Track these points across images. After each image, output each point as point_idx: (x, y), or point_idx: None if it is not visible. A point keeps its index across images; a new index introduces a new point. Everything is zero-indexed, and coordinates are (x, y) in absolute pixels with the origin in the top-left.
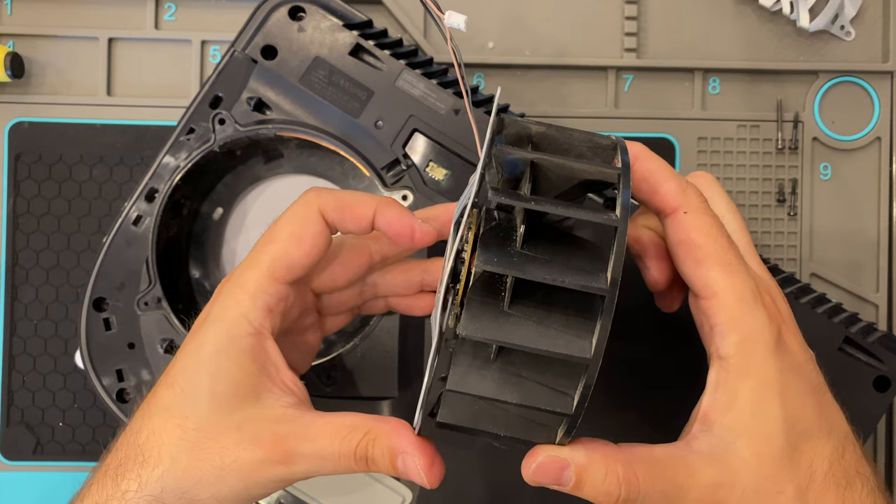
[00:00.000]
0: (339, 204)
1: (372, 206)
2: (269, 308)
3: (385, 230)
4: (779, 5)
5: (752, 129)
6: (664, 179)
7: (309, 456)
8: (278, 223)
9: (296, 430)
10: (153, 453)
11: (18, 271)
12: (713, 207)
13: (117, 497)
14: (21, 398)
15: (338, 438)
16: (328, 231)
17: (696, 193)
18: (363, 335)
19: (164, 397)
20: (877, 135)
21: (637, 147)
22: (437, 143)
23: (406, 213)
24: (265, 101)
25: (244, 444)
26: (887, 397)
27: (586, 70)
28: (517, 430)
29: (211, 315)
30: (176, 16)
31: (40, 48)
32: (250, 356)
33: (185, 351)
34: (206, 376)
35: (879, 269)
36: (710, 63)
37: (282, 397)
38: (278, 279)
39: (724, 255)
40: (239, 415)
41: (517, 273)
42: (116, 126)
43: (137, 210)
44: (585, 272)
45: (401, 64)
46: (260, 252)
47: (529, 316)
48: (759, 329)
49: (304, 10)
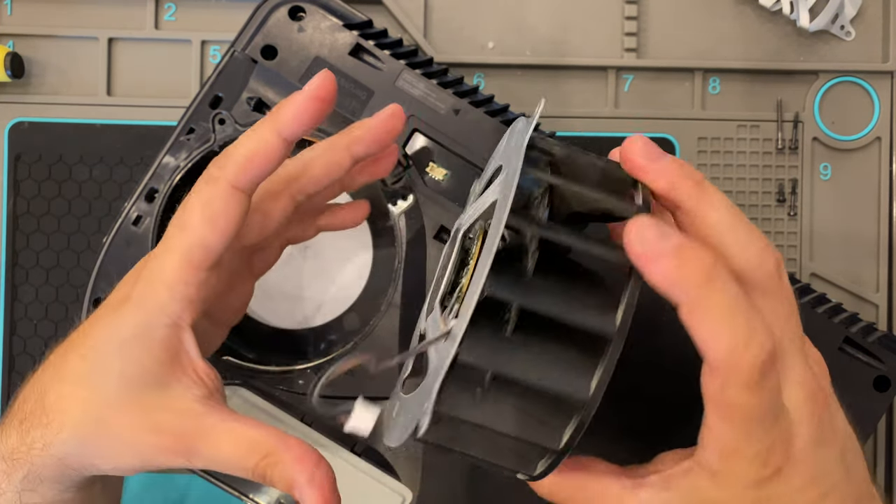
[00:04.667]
0: (244, 162)
1: (272, 133)
2: (188, 299)
3: (301, 134)
4: (779, 5)
5: (752, 129)
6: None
7: (207, 457)
8: (188, 205)
9: (198, 430)
10: (57, 417)
11: (18, 271)
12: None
13: (22, 451)
14: None
15: (238, 451)
16: (243, 201)
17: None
18: (363, 335)
19: (75, 365)
20: (877, 135)
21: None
22: (437, 143)
23: (295, 97)
24: (265, 101)
25: (146, 430)
26: (887, 397)
27: (586, 70)
28: (499, 457)
29: (132, 298)
30: (176, 16)
31: (40, 48)
32: (163, 346)
33: (102, 325)
34: (118, 359)
35: (879, 269)
36: (710, 63)
37: (191, 388)
38: (197, 267)
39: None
40: (146, 400)
41: (525, 302)
42: (116, 126)
43: (137, 210)
44: (595, 309)
45: (401, 64)
46: (175, 237)
47: (532, 345)
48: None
49: (304, 10)
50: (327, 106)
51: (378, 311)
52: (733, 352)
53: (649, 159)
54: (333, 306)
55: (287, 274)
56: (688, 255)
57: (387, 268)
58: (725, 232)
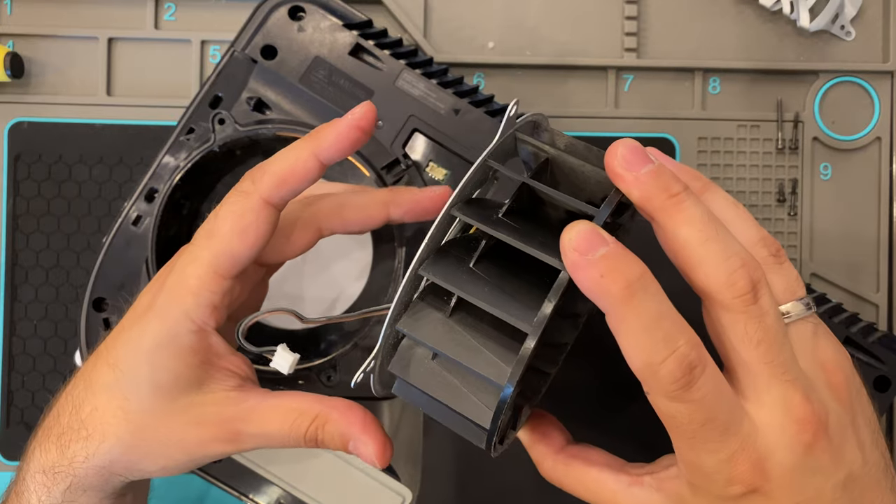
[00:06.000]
0: (279, 179)
1: (309, 154)
2: (213, 306)
3: (338, 157)
4: (779, 5)
5: (752, 129)
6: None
7: (256, 436)
8: (219, 215)
9: (241, 413)
10: (97, 429)
11: (18, 271)
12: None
13: (63, 465)
14: (21, 398)
15: (287, 422)
16: (273, 215)
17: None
18: (363, 335)
19: (105, 375)
20: (877, 135)
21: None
22: (437, 143)
23: (337, 124)
24: (265, 101)
25: (190, 425)
26: (887, 397)
27: (586, 70)
28: (455, 402)
29: (155, 306)
30: (176, 16)
31: (40, 48)
32: (191, 351)
33: (127, 336)
34: (147, 366)
35: (879, 269)
36: (710, 63)
37: (224, 381)
38: (222, 275)
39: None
40: (182, 401)
41: (456, 289)
42: (116, 126)
43: (137, 210)
44: (520, 304)
45: (401, 64)
46: (202, 247)
47: (466, 329)
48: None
49: (303, 9)
50: (366, 136)
51: None
52: (649, 366)
53: (626, 168)
54: (333, 306)
55: (287, 274)
56: (612, 265)
57: (387, 268)
58: (695, 249)
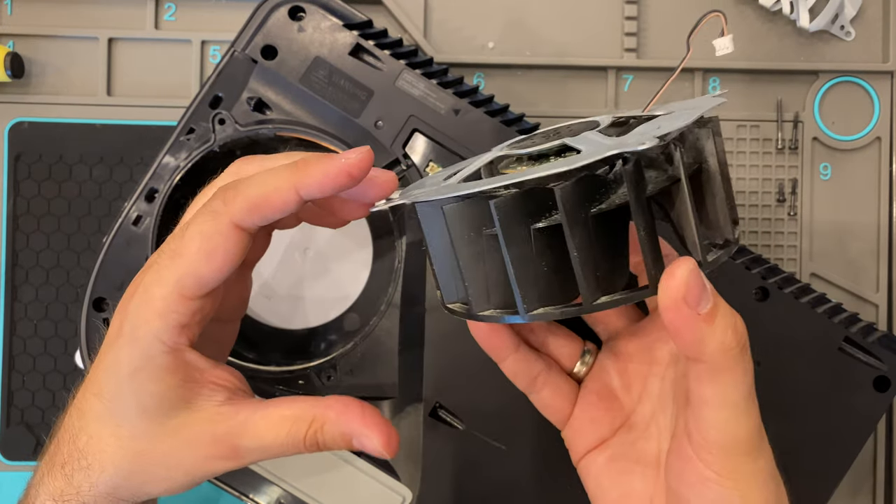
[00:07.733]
0: (251, 205)
1: (290, 186)
2: (181, 325)
3: (319, 196)
4: (779, 5)
5: (752, 129)
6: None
7: (255, 449)
8: (187, 234)
9: (234, 428)
10: (96, 459)
11: (18, 271)
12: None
13: (71, 493)
14: (21, 398)
15: (282, 431)
16: (244, 239)
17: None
18: (363, 335)
19: (94, 406)
20: (877, 135)
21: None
22: (437, 143)
23: (327, 163)
24: (265, 101)
25: (184, 446)
26: (887, 397)
27: (586, 70)
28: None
29: (123, 331)
30: (176, 16)
31: (40, 48)
32: (169, 371)
33: (105, 364)
34: (130, 392)
35: (879, 269)
36: (710, 63)
37: (212, 396)
38: (188, 297)
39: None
40: (172, 422)
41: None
42: (116, 126)
43: (137, 210)
44: (597, 276)
45: (401, 64)
46: (166, 267)
47: (548, 249)
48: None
49: (304, 10)
50: (354, 183)
51: (378, 311)
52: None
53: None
54: (333, 306)
55: (287, 274)
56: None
57: (387, 268)
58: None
